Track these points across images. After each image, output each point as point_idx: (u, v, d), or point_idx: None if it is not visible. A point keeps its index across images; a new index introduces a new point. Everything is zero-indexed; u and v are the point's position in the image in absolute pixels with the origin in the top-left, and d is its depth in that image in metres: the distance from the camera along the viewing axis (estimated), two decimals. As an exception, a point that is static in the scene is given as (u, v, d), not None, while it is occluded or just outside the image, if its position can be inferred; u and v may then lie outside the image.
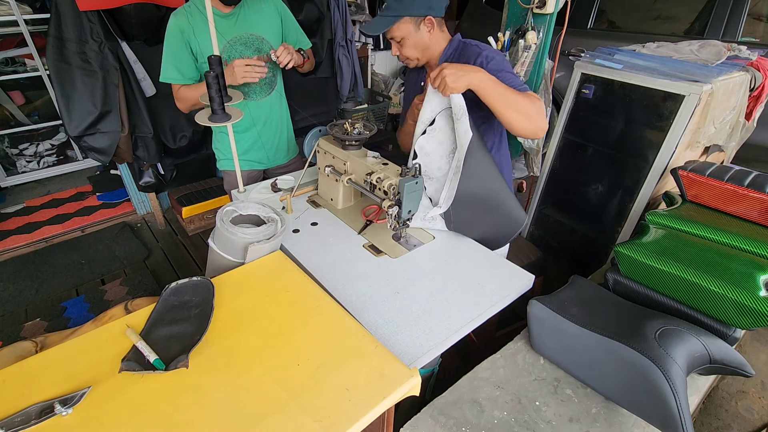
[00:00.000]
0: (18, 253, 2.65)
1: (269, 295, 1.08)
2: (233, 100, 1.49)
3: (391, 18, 1.26)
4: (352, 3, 4.02)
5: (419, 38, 1.31)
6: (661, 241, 1.21)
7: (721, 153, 1.90)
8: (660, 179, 1.61)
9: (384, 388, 0.84)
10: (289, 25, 1.75)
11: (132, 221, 3.05)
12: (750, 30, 2.61)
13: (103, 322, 1.19)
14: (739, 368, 1.04)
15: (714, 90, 1.45)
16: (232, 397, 0.82)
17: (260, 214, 1.32)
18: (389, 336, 1.02)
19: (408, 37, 1.30)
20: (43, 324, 2.13)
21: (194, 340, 0.92)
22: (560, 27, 1.72)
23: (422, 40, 1.32)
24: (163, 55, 1.56)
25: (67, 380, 0.84)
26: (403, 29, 1.28)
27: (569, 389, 1.08)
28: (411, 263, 1.29)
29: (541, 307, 1.14)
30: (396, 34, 1.29)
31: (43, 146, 3.38)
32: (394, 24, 1.27)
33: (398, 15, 1.26)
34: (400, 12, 1.26)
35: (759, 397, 1.75)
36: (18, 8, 2.55)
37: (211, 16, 1.35)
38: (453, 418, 1.00)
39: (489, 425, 0.99)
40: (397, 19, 1.26)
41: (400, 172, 1.25)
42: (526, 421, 1.00)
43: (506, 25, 1.83)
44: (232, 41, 1.59)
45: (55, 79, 2.19)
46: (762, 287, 1.00)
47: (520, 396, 1.06)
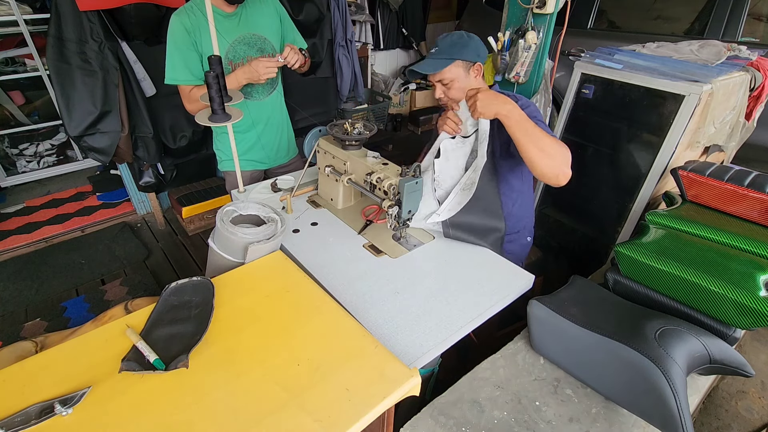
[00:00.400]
0: (18, 253, 2.65)
1: (269, 295, 1.08)
2: (233, 100, 1.49)
3: (446, 60, 1.31)
4: (352, 3, 4.02)
5: (467, 82, 1.36)
6: (661, 241, 1.21)
7: (721, 153, 1.90)
8: (660, 179, 1.61)
9: (384, 388, 0.84)
10: (287, 25, 1.75)
11: (132, 221, 3.05)
12: (750, 30, 2.61)
13: (103, 322, 1.19)
14: (739, 368, 1.04)
15: (714, 90, 1.45)
16: (232, 397, 0.82)
17: (260, 214, 1.32)
18: (389, 336, 1.02)
19: (457, 80, 1.34)
20: (43, 324, 2.13)
21: (194, 340, 0.92)
22: (560, 27, 1.72)
23: (470, 85, 1.36)
24: (167, 55, 1.53)
25: (67, 380, 0.84)
26: (454, 72, 1.33)
27: (569, 389, 1.08)
28: (411, 263, 1.29)
29: (541, 307, 1.14)
30: (447, 77, 1.33)
31: (43, 146, 3.38)
32: (446, 66, 1.32)
33: (452, 58, 1.31)
34: (454, 55, 1.31)
35: (759, 397, 1.75)
36: (18, 8, 2.55)
37: (211, 16, 1.35)
38: (453, 418, 1.00)
39: (489, 425, 0.99)
40: (450, 62, 1.31)
41: (400, 172, 1.25)
42: (526, 421, 1.00)
43: (506, 25, 1.83)
44: (236, 41, 1.59)
45: (55, 79, 2.18)
46: (762, 287, 1.00)
47: (520, 396, 1.06)
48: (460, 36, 1.34)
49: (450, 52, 1.32)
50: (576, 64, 1.76)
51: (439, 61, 1.33)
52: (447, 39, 1.34)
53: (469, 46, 1.33)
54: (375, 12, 4.57)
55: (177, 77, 1.55)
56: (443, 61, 1.32)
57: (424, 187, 1.38)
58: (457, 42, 1.33)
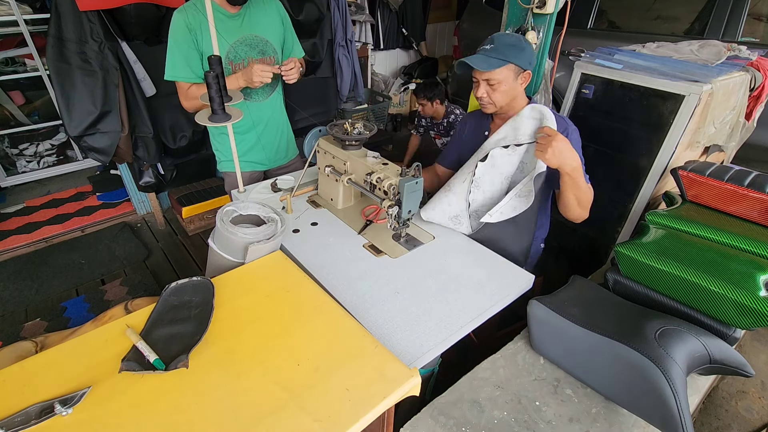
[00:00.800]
0: (18, 253, 2.65)
1: (269, 295, 1.08)
2: (233, 100, 1.49)
3: (501, 61, 1.27)
4: (352, 3, 4.02)
5: (513, 88, 1.33)
6: (661, 241, 1.21)
7: (721, 153, 1.90)
8: (660, 179, 1.61)
9: (384, 388, 0.84)
10: (289, 31, 1.75)
11: (132, 221, 3.05)
12: (750, 30, 2.61)
13: (103, 322, 1.19)
14: (739, 368, 1.04)
15: (714, 90, 1.45)
16: (232, 397, 0.82)
17: (260, 214, 1.32)
18: (389, 336, 1.02)
19: (505, 84, 1.31)
20: (43, 324, 2.13)
21: (194, 340, 0.92)
22: (560, 27, 1.72)
23: (514, 91, 1.34)
24: (168, 52, 1.53)
25: (67, 380, 0.84)
26: (504, 74, 1.29)
27: (569, 389, 1.08)
28: (411, 263, 1.29)
29: (541, 307, 1.14)
30: (496, 77, 1.29)
31: (43, 146, 3.38)
32: (500, 67, 1.28)
33: (507, 60, 1.27)
34: (509, 58, 1.27)
35: (759, 397, 1.75)
36: (18, 8, 2.55)
37: (211, 16, 1.35)
38: (453, 418, 1.00)
39: (489, 425, 0.99)
40: (504, 63, 1.27)
41: (400, 172, 1.25)
42: (526, 421, 1.00)
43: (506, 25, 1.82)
44: (238, 42, 1.58)
45: (55, 79, 2.18)
46: (762, 287, 1.00)
47: (520, 396, 1.06)
48: (518, 39, 1.30)
49: (506, 53, 1.27)
50: (576, 64, 1.76)
51: (493, 59, 1.28)
52: (504, 39, 1.29)
53: (525, 51, 1.29)
54: (375, 12, 4.57)
55: (176, 74, 1.55)
56: (498, 61, 1.28)
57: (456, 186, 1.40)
58: (515, 44, 1.28)
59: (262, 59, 1.66)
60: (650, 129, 1.60)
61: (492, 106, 1.37)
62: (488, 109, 1.39)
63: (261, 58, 1.65)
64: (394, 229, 1.34)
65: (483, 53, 1.30)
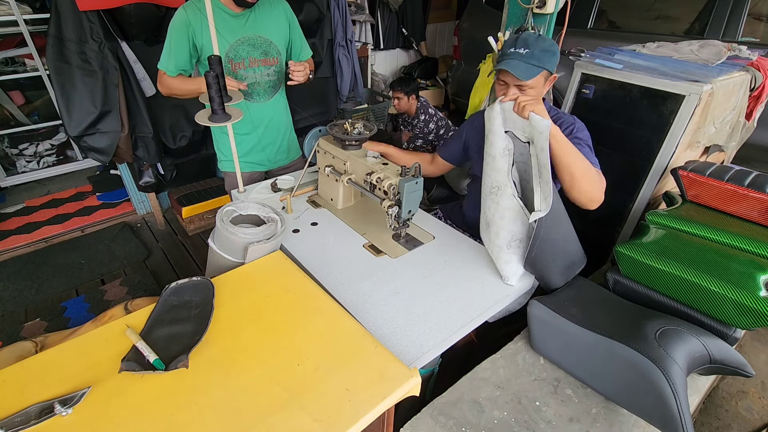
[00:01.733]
0: (18, 253, 2.65)
1: (269, 295, 1.08)
2: (233, 100, 1.49)
3: (538, 68, 1.24)
4: (352, 3, 4.02)
5: (541, 92, 1.31)
6: (661, 241, 1.21)
7: (721, 153, 1.90)
8: (660, 179, 1.61)
9: (384, 388, 0.84)
10: (296, 33, 1.75)
11: (132, 221, 3.05)
12: (750, 30, 2.61)
13: (103, 322, 1.19)
14: (739, 368, 1.04)
15: (714, 90, 1.45)
16: (232, 397, 0.82)
17: (260, 214, 1.32)
18: (389, 336, 1.02)
19: (535, 88, 1.28)
20: (43, 324, 2.13)
21: (194, 340, 0.92)
22: (560, 27, 1.72)
23: (540, 95, 1.31)
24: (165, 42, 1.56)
25: (67, 380, 0.84)
26: (538, 80, 1.27)
27: (569, 389, 1.08)
28: (411, 263, 1.29)
29: (541, 307, 1.14)
30: (530, 83, 1.26)
31: (43, 146, 3.37)
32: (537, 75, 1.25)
33: (542, 67, 1.25)
34: (545, 65, 1.24)
35: (759, 397, 1.75)
36: (18, 8, 2.54)
37: (211, 16, 1.35)
38: (453, 418, 1.00)
39: (489, 425, 0.99)
40: (540, 71, 1.25)
41: (400, 172, 1.25)
42: (526, 421, 1.00)
43: (506, 25, 1.82)
44: (240, 41, 1.58)
45: (55, 79, 2.18)
46: (762, 287, 1.00)
47: (520, 396, 1.06)
48: (551, 44, 1.26)
49: (542, 60, 1.24)
50: (576, 64, 1.76)
51: (531, 67, 1.24)
52: (539, 43, 1.24)
53: (556, 55, 1.27)
54: (375, 12, 4.57)
55: (161, 63, 1.58)
56: (536, 69, 1.24)
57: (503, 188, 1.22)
58: (549, 49, 1.25)
59: (265, 60, 1.65)
60: (650, 129, 1.60)
61: None
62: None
63: (264, 58, 1.65)
64: (394, 229, 1.34)
65: (518, 59, 1.24)
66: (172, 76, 1.58)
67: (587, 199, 1.22)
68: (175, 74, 1.58)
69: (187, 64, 1.59)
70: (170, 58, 1.56)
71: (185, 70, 1.61)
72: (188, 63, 1.59)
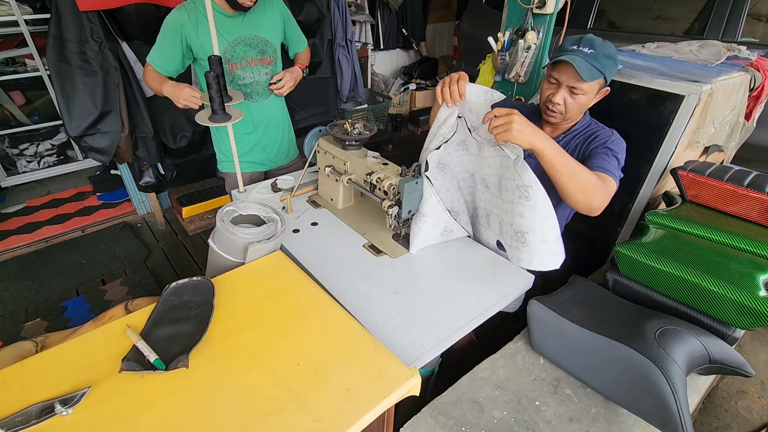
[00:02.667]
0: (18, 253, 2.65)
1: (269, 295, 1.08)
2: (233, 100, 1.49)
3: (599, 72, 1.14)
4: (352, 3, 4.02)
5: (590, 101, 1.22)
6: (661, 241, 1.21)
7: (720, 153, 1.90)
8: (660, 179, 1.61)
9: (384, 388, 0.84)
10: (291, 27, 1.76)
11: (132, 221, 3.05)
12: (750, 30, 2.61)
13: (103, 322, 1.19)
14: (738, 368, 1.04)
15: (714, 90, 1.45)
16: (232, 397, 0.82)
17: (260, 214, 1.32)
18: (389, 336, 1.02)
19: (587, 95, 1.19)
20: (43, 324, 2.13)
21: (194, 340, 0.93)
22: (560, 27, 1.72)
23: (589, 105, 1.23)
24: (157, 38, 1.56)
25: (67, 380, 0.84)
26: (593, 86, 1.17)
27: (569, 389, 1.08)
28: (411, 263, 1.29)
29: (541, 307, 1.14)
30: (585, 87, 1.16)
31: (44, 146, 3.38)
32: (597, 79, 1.16)
33: (603, 73, 1.15)
34: (605, 71, 1.15)
35: (759, 397, 1.75)
36: (18, 8, 2.54)
37: (211, 17, 1.35)
38: (453, 418, 1.00)
39: (489, 425, 0.99)
40: (600, 76, 1.15)
41: (400, 172, 1.25)
42: (526, 421, 1.00)
43: (506, 25, 1.82)
44: (236, 41, 1.58)
45: (56, 79, 2.18)
46: (762, 287, 1.00)
47: (520, 396, 1.06)
48: (615, 51, 1.17)
49: (604, 64, 1.14)
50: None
51: (594, 69, 1.13)
52: (604, 47, 1.15)
53: (617, 65, 1.19)
54: (375, 12, 4.57)
55: (150, 57, 1.58)
56: (597, 72, 1.14)
57: (425, 208, 1.26)
58: (612, 56, 1.15)
59: (262, 59, 1.65)
60: (650, 129, 1.60)
61: (561, 117, 1.24)
62: (555, 118, 1.25)
63: (260, 57, 1.65)
64: (394, 229, 1.34)
65: (583, 57, 1.12)
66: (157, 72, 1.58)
67: (586, 207, 1.15)
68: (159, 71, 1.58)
69: (177, 64, 1.58)
70: (158, 55, 1.57)
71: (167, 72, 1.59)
72: (179, 64, 1.59)
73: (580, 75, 1.12)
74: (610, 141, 1.23)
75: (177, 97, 1.49)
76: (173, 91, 1.50)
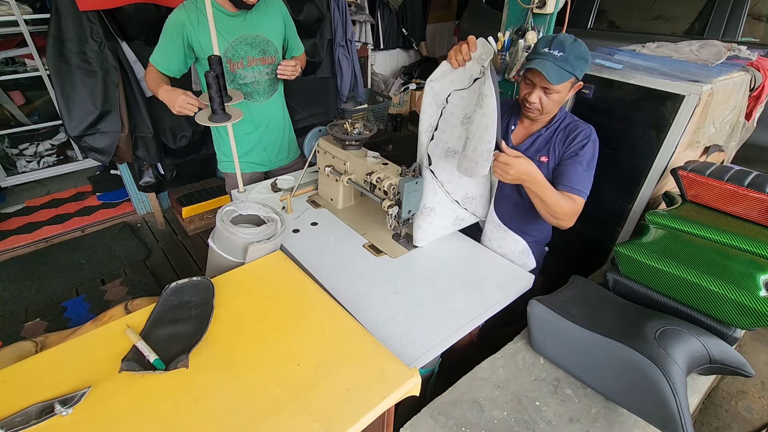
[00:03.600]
0: (18, 253, 2.65)
1: (269, 295, 1.08)
2: (233, 100, 1.49)
3: (569, 74, 1.20)
4: (352, 3, 4.02)
5: (565, 97, 1.29)
6: (661, 241, 1.21)
7: (721, 153, 1.90)
8: (660, 179, 1.61)
9: (384, 388, 0.84)
10: (291, 29, 1.76)
11: (132, 221, 3.05)
12: (750, 30, 2.61)
13: (103, 322, 1.19)
14: (739, 368, 1.04)
15: (714, 90, 1.45)
16: (232, 397, 0.82)
17: (260, 214, 1.32)
18: (389, 336, 1.02)
19: (560, 93, 1.26)
20: (43, 324, 2.13)
21: (194, 340, 0.92)
22: (560, 27, 1.72)
23: (563, 100, 1.30)
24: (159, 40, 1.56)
25: (67, 380, 0.84)
26: (565, 85, 1.24)
27: (569, 389, 1.08)
28: (411, 263, 1.29)
29: (541, 307, 1.13)
30: (557, 87, 1.23)
31: (43, 146, 3.38)
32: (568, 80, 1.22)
33: (574, 74, 1.21)
34: (575, 72, 1.21)
35: (759, 397, 1.75)
36: (18, 8, 2.54)
37: (211, 17, 1.35)
38: (453, 418, 1.00)
39: (489, 425, 0.99)
40: (571, 77, 1.21)
41: (400, 172, 1.25)
42: (526, 421, 1.00)
43: (506, 25, 1.82)
44: (237, 40, 1.58)
45: (55, 79, 2.18)
46: (762, 287, 1.00)
47: (520, 396, 1.06)
48: (586, 50, 1.22)
49: (574, 66, 1.20)
50: (576, 64, 1.76)
51: (564, 72, 1.20)
52: (575, 48, 1.20)
53: (588, 63, 1.23)
54: (375, 12, 4.57)
55: (153, 58, 1.57)
56: (568, 74, 1.20)
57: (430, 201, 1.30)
58: (583, 56, 1.21)
59: (263, 59, 1.65)
60: (650, 129, 1.60)
61: (539, 113, 1.31)
62: (533, 114, 1.32)
63: (262, 57, 1.65)
64: (394, 229, 1.34)
65: (553, 61, 1.19)
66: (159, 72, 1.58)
67: (554, 224, 1.30)
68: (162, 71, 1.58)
69: (180, 64, 1.58)
70: (160, 55, 1.56)
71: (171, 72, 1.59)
72: (182, 63, 1.58)
73: (549, 81, 1.19)
74: (587, 147, 1.31)
75: (172, 104, 1.48)
76: (168, 97, 1.49)
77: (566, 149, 1.34)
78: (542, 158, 1.37)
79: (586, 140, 1.32)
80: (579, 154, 1.30)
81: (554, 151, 1.36)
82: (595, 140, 1.34)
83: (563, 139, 1.35)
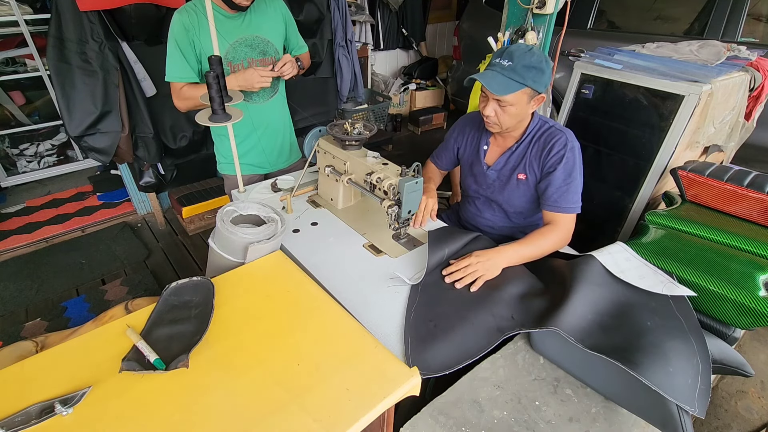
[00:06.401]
0: (18, 253, 2.65)
1: (269, 295, 1.08)
2: (233, 100, 1.49)
3: (518, 84, 1.16)
4: (352, 3, 4.02)
5: (524, 111, 1.24)
6: (661, 241, 1.21)
7: (720, 153, 1.90)
8: (660, 179, 1.61)
9: (384, 388, 0.84)
10: (292, 29, 1.75)
11: (132, 221, 3.05)
12: (750, 30, 2.61)
13: (104, 322, 1.19)
14: (738, 368, 1.04)
15: (714, 90, 1.45)
16: (232, 397, 0.82)
17: (260, 214, 1.32)
18: (389, 336, 1.02)
19: (517, 106, 1.21)
20: (43, 324, 2.13)
21: (194, 340, 0.93)
22: (560, 27, 1.72)
23: (524, 113, 1.25)
24: (168, 53, 1.52)
25: (67, 380, 0.84)
26: (518, 98, 1.19)
27: (569, 389, 1.08)
28: (411, 263, 1.29)
29: (541, 307, 1.13)
30: (509, 99, 1.18)
31: (44, 146, 3.38)
32: (517, 92, 1.17)
33: (524, 84, 1.16)
34: (527, 82, 1.16)
35: (759, 397, 1.75)
36: (18, 8, 2.54)
37: (212, 17, 1.35)
38: (453, 418, 1.00)
39: (489, 425, 0.99)
40: (521, 88, 1.16)
41: (400, 172, 1.25)
42: (526, 421, 1.00)
43: (506, 25, 1.83)
44: (237, 42, 1.58)
45: (56, 79, 2.18)
46: (762, 287, 1.00)
47: (520, 396, 1.06)
48: (539, 60, 1.16)
49: (524, 76, 1.15)
50: (576, 64, 1.76)
51: (511, 82, 1.16)
52: (525, 58, 1.15)
53: (545, 74, 1.18)
54: (375, 12, 4.57)
55: (176, 75, 1.54)
56: (516, 84, 1.16)
57: None
58: (535, 66, 1.15)
59: (263, 60, 1.65)
60: (650, 129, 1.61)
61: (497, 127, 1.28)
62: (493, 128, 1.30)
63: (262, 58, 1.64)
64: (394, 229, 1.34)
65: (499, 71, 1.17)
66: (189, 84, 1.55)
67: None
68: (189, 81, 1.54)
69: (198, 66, 1.56)
70: (184, 66, 1.52)
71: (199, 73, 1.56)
72: (199, 65, 1.56)
73: (491, 91, 1.17)
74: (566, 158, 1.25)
75: (251, 83, 1.49)
76: (243, 79, 1.50)
77: (544, 163, 1.29)
78: (520, 176, 1.35)
79: (562, 150, 1.26)
80: (557, 169, 1.25)
81: (531, 167, 1.32)
82: (574, 147, 1.27)
83: (539, 153, 1.30)
